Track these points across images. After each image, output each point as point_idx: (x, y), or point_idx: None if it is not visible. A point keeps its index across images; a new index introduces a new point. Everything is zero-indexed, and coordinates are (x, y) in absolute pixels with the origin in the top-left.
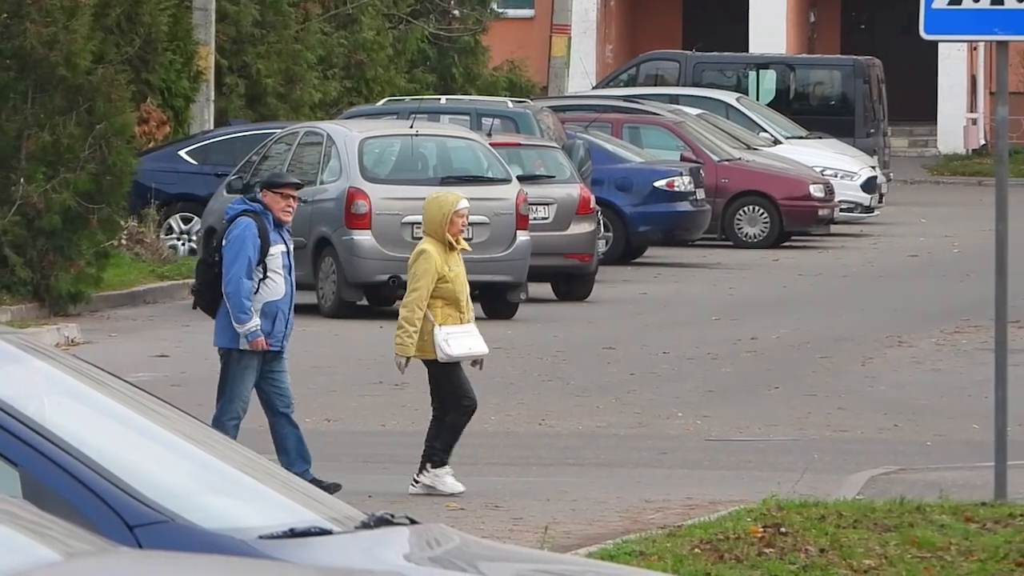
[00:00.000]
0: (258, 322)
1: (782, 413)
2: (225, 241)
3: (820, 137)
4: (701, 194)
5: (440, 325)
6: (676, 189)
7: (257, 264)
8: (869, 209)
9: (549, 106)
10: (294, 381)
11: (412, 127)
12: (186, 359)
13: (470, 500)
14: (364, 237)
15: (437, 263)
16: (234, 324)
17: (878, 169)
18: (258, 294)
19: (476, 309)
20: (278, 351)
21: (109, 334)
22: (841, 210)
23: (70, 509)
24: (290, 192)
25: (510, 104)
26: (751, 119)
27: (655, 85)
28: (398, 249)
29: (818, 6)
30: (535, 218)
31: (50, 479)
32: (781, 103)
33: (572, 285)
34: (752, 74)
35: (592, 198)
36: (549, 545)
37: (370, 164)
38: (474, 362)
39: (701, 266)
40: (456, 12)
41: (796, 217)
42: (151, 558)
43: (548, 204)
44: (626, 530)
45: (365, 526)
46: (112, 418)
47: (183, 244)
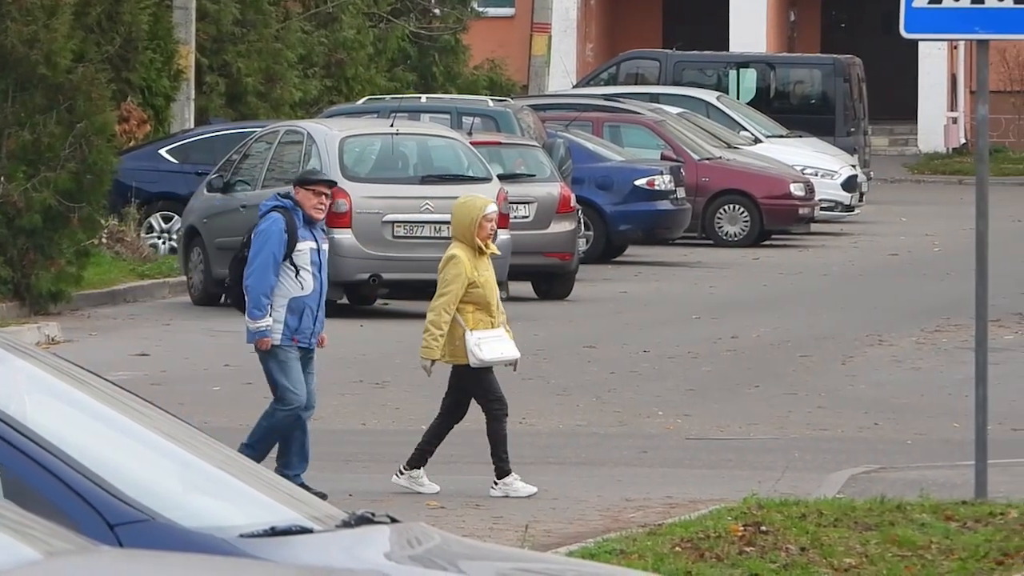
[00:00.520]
0: (269, 321)
1: (762, 412)
2: (253, 236)
3: (800, 136)
4: (681, 193)
5: (471, 330)
6: (656, 188)
7: (284, 259)
8: (849, 208)
9: (529, 105)
10: None
11: (392, 126)
12: (167, 358)
13: (451, 499)
14: (344, 236)
15: (467, 268)
16: (246, 319)
17: (858, 168)
18: (285, 289)
19: None
20: (307, 349)
21: (90, 333)
22: (821, 209)
23: (51, 508)
24: (323, 189)
25: (490, 103)
26: (731, 118)
27: (635, 84)
28: (379, 248)
29: (798, 5)
30: (515, 217)
31: (31, 478)
32: (761, 102)
33: (552, 284)
34: (732, 73)
35: (572, 197)
36: (530, 544)
37: (350, 163)
38: (508, 363)
39: (681, 265)
40: (436, 11)
41: (776, 216)
42: (132, 557)
43: (528, 203)
44: (607, 529)
45: (346, 525)
46: (93, 417)
47: (164, 243)
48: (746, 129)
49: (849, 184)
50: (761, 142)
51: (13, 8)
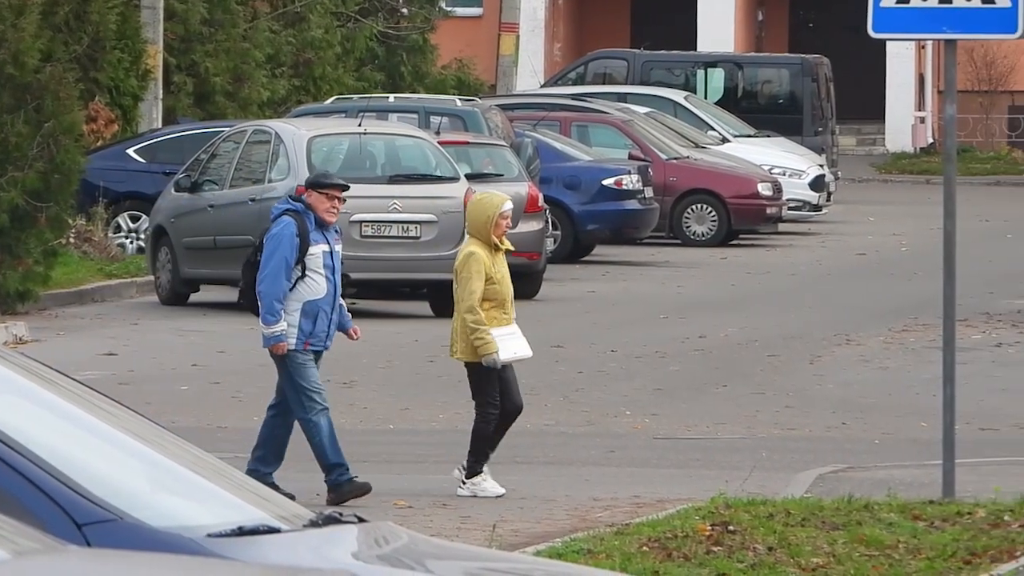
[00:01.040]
0: (283, 326)
1: (730, 411)
2: (264, 240)
3: (768, 135)
4: (649, 192)
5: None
6: (624, 187)
7: (296, 263)
8: (817, 207)
9: (497, 104)
10: (241, 380)
11: (360, 125)
12: (134, 357)
13: (418, 498)
14: None
15: (486, 264)
16: (260, 324)
17: (826, 167)
18: (299, 293)
19: (424, 307)
20: (319, 351)
21: (57, 332)
22: (789, 208)
23: (19, 507)
24: (335, 193)
25: (458, 102)
26: (699, 117)
27: (603, 83)
28: (346, 247)
29: (766, 5)
30: None
31: None
32: (729, 101)
33: (520, 283)
34: (700, 72)
35: (540, 196)
36: (497, 543)
37: (318, 163)
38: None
39: (649, 264)
40: (404, 11)
41: (744, 215)
42: (100, 557)
43: None
44: (574, 528)
45: (314, 524)
46: (61, 416)
47: (131, 242)
48: (714, 129)
49: (817, 184)
50: (729, 142)
51: None
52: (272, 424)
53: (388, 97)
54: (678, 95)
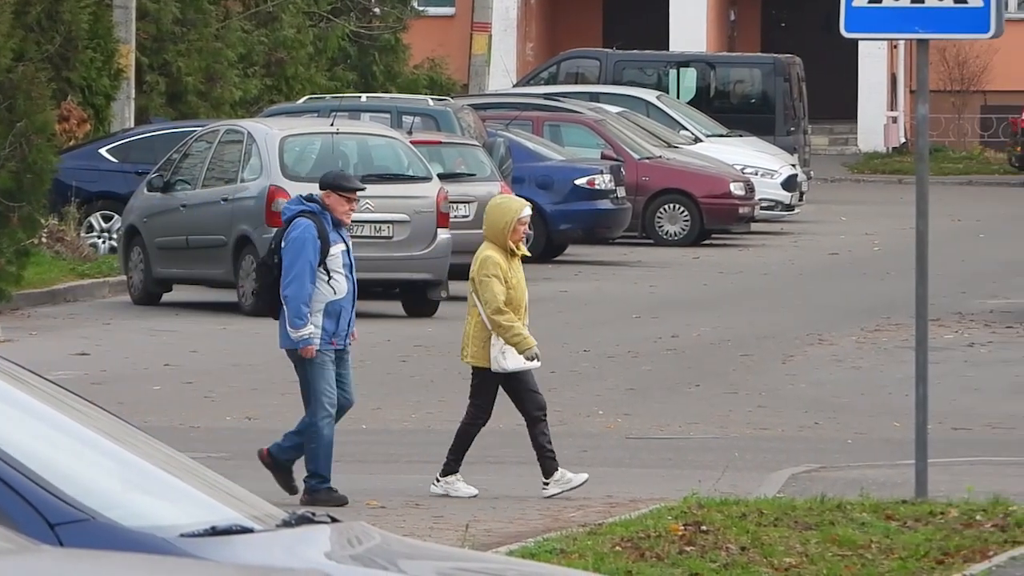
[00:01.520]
0: (311, 329)
1: (703, 411)
2: (284, 243)
3: (740, 135)
4: (622, 192)
5: (499, 336)
6: (597, 187)
7: (319, 265)
8: (790, 207)
9: (470, 104)
10: (214, 379)
11: (333, 125)
12: (107, 357)
13: (391, 498)
14: None
15: (503, 268)
16: (288, 329)
17: (798, 167)
18: (320, 294)
19: (396, 307)
20: (342, 349)
21: (30, 332)
22: (762, 208)
23: None
24: (354, 195)
25: (431, 102)
26: (672, 117)
27: (576, 83)
28: None
29: (738, 4)
30: (456, 216)
31: None
32: (702, 101)
33: None
34: (673, 72)
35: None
36: (470, 543)
37: (291, 162)
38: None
39: (622, 264)
40: (377, 10)
41: (717, 215)
42: (72, 556)
43: (469, 202)
44: (547, 528)
45: (286, 524)
46: (33, 416)
47: (104, 242)
48: (686, 128)
49: (789, 183)
50: (701, 141)
51: None
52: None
53: (360, 97)
54: (650, 95)
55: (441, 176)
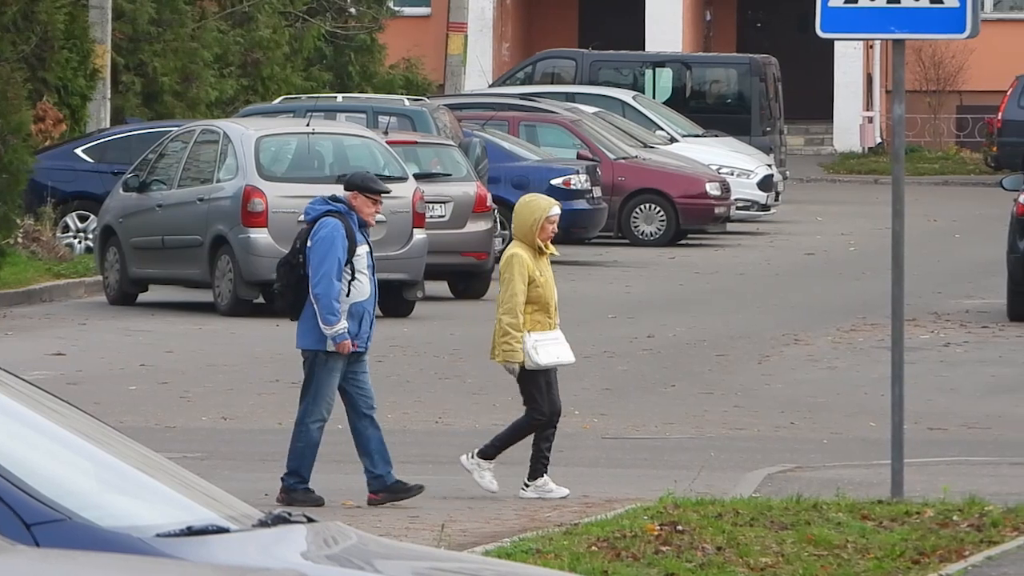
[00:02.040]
0: (346, 324)
1: (679, 411)
2: (311, 242)
3: (716, 135)
4: (598, 192)
5: (529, 332)
6: (573, 187)
7: (345, 264)
8: (765, 207)
9: (446, 104)
10: (190, 380)
11: (308, 125)
12: (83, 357)
13: (361, 497)
14: (261, 235)
15: (529, 267)
16: (322, 326)
17: (774, 167)
18: (347, 295)
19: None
20: (361, 352)
21: (5, 332)
22: (737, 208)
23: None
24: (380, 198)
25: (407, 102)
26: (647, 117)
27: (552, 83)
28: None
29: (714, 4)
30: (431, 216)
31: None
32: (678, 101)
33: (469, 283)
34: (648, 72)
35: (489, 196)
36: (446, 543)
37: (267, 162)
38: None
39: (598, 264)
40: (352, 10)
41: (693, 215)
42: (49, 557)
43: (445, 202)
44: (523, 528)
45: (263, 524)
46: (9, 416)
47: (79, 242)
48: (662, 128)
49: (765, 183)
50: (677, 141)
51: None
52: (360, 429)
53: (336, 97)
54: (626, 95)
55: (417, 176)
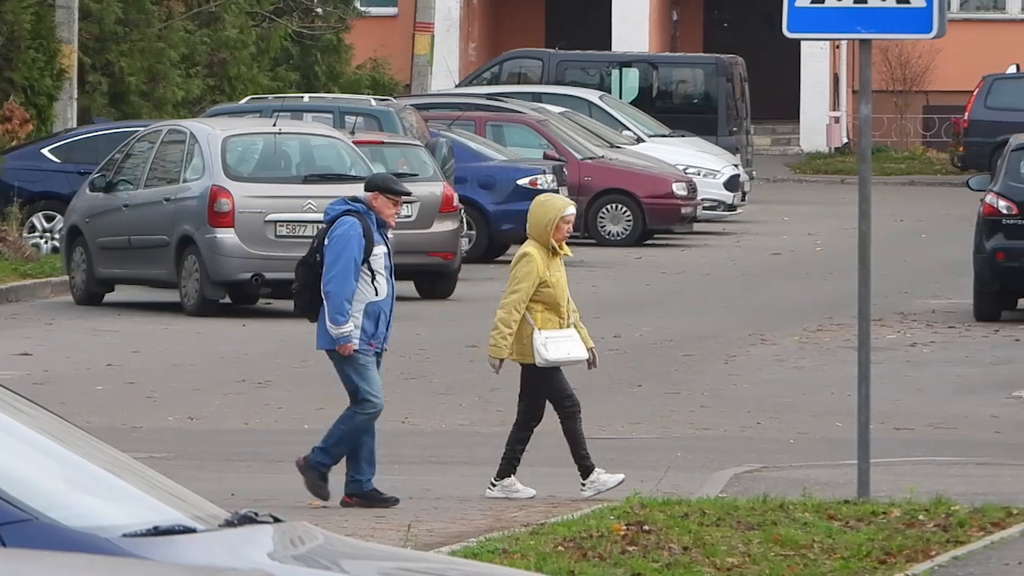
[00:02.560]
0: (351, 326)
1: (645, 411)
2: (327, 240)
3: (683, 135)
4: (564, 192)
5: (539, 329)
6: (539, 187)
7: (362, 264)
8: (732, 207)
9: (412, 104)
10: (156, 380)
11: (275, 125)
12: (49, 357)
13: (334, 498)
14: (227, 235)
15: (540, 267)
16: (328, 324)
17: (741, 167)
18: (362, 294)
19: None
20: (378, 352)
21: None
22: (704, 208)
23: None
24: (401, 199)
25: (373, 102)
26: (614, 117)
27: (518, 83)
28: (261, 247)
29: (680, 4)
30: (398, 216)
31: None
32: (644, 101)
33: (435, 283)
34: (615, 72)
35: (455, 196)
36: (412, 543)
37: (233, 162)
38: (589, 364)
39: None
40: (319, 10)
41: (659, 215)
42: (15, 557)
43: (411, 202)
44: (489, 528)
45: (229, 524)
46: None
47: (46, 242)
48: (629, 128)
49: (731, 183)
50: (644, 141)
51: None
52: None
53: (303, 97)
54: (593, 95)
55: None
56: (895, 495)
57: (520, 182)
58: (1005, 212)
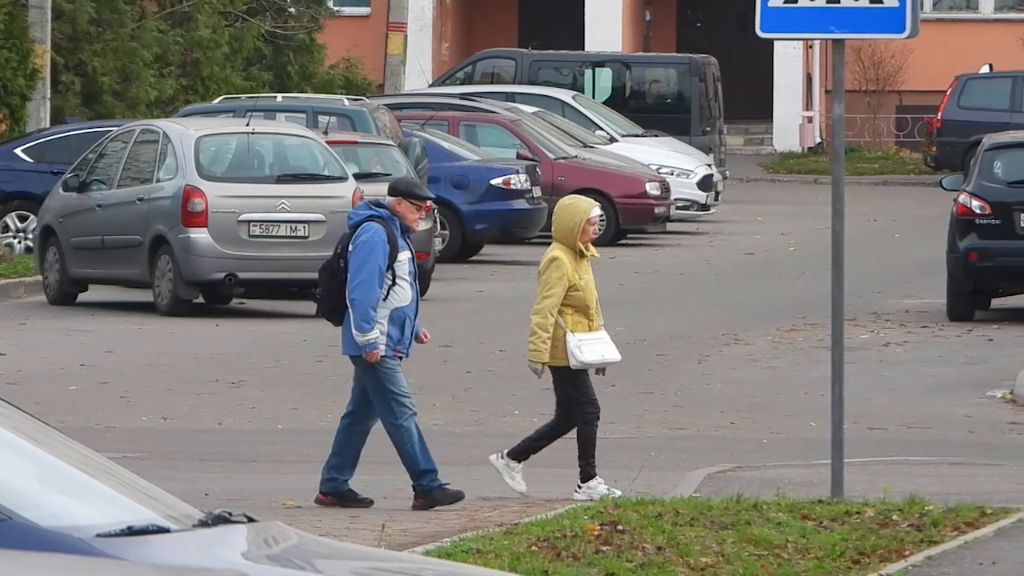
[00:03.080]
0: (377, 333)
1: (619, 411)
2: (352, 246)
3: (656, 135)
4: (537, 192)
5: (572, 332)
6: (512, 187)
7: (386, 270)
8: (705, 207)
9: (385, 104)
10: (130, 380)
11: (248, 125)
12: (23, 357)
13: (308, 498)
14: (200, 235)
15: (568, 270)
16: (354, 332)
17: (714, 167)
18: (387, 300)
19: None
20: (402, 357)
21: None
22: (677, 208)
23: None
24: (424, 204)
25: (346, 102)
26: (587, 117)
27: (491, 83)
28: (234, 247)
29: (653, 4)
30: None
31: None
32: (617, 101)
33: None
34: (588, 72)
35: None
36: (386, 543)
37: (206, 162)
38: (598, 370)
39: (537, 264)
40: (292, 10)
41: (632, 215)
42: None
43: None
44: (463, 528)
45: (203, 524)
46: None
47: (19, 242)
48: (602, 128)
49: (705, 183)
50: (617, 141)
51: None
52: (348, 432)
53: (276, 97)
54: (566, 95)
55: (357, 176)
56: (869, 495)
57: (493, 182)
58: (978, 212)
